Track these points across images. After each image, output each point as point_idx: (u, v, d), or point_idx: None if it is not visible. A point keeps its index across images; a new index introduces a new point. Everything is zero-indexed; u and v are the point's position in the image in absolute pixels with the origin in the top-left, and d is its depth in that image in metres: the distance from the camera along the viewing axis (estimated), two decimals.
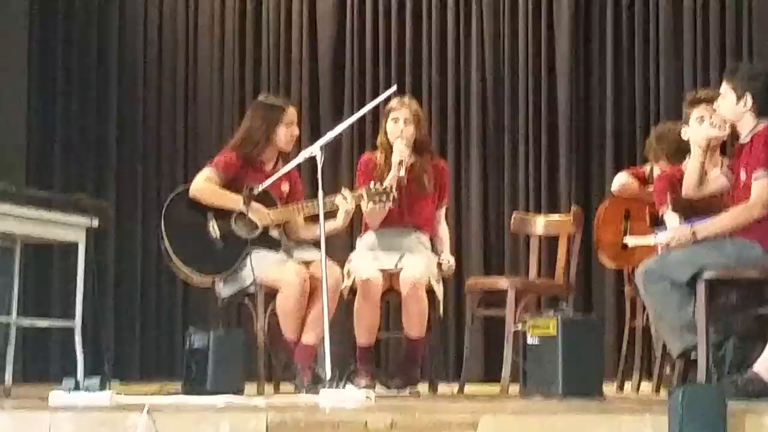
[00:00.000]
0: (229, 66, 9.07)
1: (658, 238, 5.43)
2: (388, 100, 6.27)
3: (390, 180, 6.13)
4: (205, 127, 9.03)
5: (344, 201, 6.03)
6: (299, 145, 7.49)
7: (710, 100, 5.77)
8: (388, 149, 6.25)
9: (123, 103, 9.12)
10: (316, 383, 5.66)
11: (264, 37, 9.05)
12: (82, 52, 9.13)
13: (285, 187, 6.25)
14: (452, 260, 6.32)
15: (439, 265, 6.25)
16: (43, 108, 9.05)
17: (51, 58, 9.09)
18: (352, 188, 6.18)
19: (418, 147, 6.30)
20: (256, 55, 9.04)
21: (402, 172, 6.15)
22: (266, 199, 6.10)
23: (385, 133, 6.30)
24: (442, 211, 6.48)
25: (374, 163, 6.31)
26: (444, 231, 6.47)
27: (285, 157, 6.30)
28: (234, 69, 9.05)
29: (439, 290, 6.17)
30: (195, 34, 9.16)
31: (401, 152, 6.17)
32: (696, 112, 5.90)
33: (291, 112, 6.28)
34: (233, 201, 6.05)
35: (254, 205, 6.01)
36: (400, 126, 6.24)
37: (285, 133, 6.22)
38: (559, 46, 8.53)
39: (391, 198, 6.04)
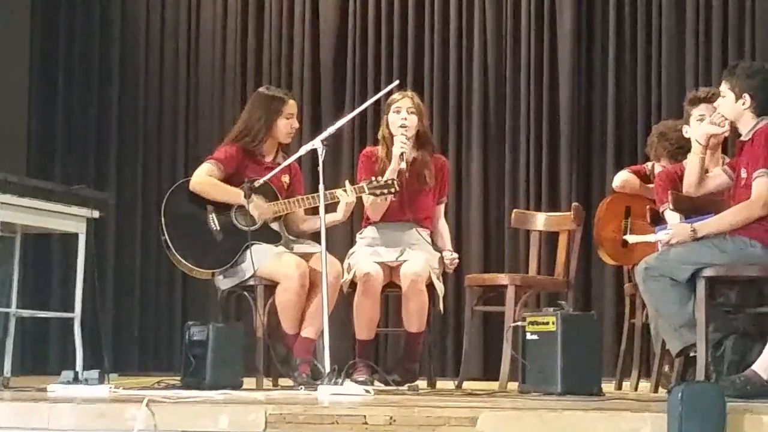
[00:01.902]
0: (230, 58, 9.07)
1: (659, 236, 5.44)
2: (389, 94, 6.27)
3: (391, 172, 6.12)
4: (206, 120, 9.02)
5: (345, 194, 6.03)
6: (300, 138, 7.49)
7: (710, 99, 5.80)
8: (390, 143, 6.24)
9: (124, 94, 9.12)
10: (315, 378, 5.66)
11: (266, 30, 9.04)
12: (84, 42, 9.13)
13: (285, 179, 6.25)
14: (455, 255, 6.33)
15: (441, 259, 6.25)
16: (45, 99, 9.05)
17: (53, 48, 9.10)
18: (353, 182, 6.18)
19: (419, 141, 6.29)
20: (258, 47, 9.03)
21: (403, 165, 6.15)
22: (267, 191, 6.10)
23: (387, 126, 6.29)
24: (442, 207, 6.48)
25: (376, 157, 6.31)
26: (443, 227, 6.46)
27: (284, 149, 6.31)
28: (236, 61, 9.04)
29: (439, 285, 6.16)
30: (197, 25, 9.15)
31: (402, 144, 6.16)
32: (696, 111, 5.93)
33: (291, 104, 6.27)
34: (234, 195, 6.05)
35: (255, 199, 6.01)
36: (402, 115, 6.23)
37: (285, 125, 6.22)
38: (561, 43, 8.51)
39: (393, 191, 6.04)
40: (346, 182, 6.11)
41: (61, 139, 9.04)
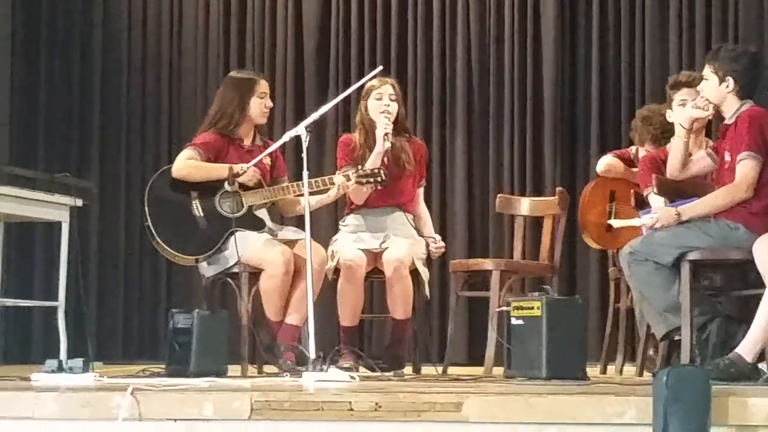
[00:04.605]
0: (213, 46, 9.04)
1: (643, 220, 5.44)
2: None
3: (376, 155, 6.11)
4: (189, 108, 8.98)
5: (333, 186, 6.02)
6: (284, 125, 7.47)
7: (692, 83, 5.81)
8: (370, 127, 6.23)
9: (106, 82, 9.08)
10: (300, 364, 5.66)
11: (249, 17, 9.00)
12: (66, 30, 9.08)
13: (267, 160, 6.23)
14: (442, 243, 6.32)
15: (426, 244, 6.25)
16: (27, 87, 9.01)
17: (34, 36, 9.05)
18: (335, 170, 6.18)
19: (396, 127, 6.28)
20: (241, 34, 9.00)
21: (388, 144, 6.13)
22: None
23: (366, 112, 6.27)
24: (421, 191, 6.47)
25: (354, 143, 6.29)
26: (424, 210, 6.46)
27: (261, 130, 6.30)
28: (219, 47, 9.02)
29: (424, 271, 6.16)
30: (179, 14, 9.11)
31: (386, 125, 6.14)
32: (678, 96, 5.94)
33: (263, 84, 6.25)
34: (218, 170, 6.02)
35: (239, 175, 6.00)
36: (385, 102, 6.22)
37: (258, 105, 6.19)
38: (545, 28, 8.51)
39: (380, 180, 6.02)
40: (335, 176, 6.07)
41: (44, 127, 9.00)
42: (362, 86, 6.29)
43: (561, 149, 8.46)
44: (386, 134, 6.12)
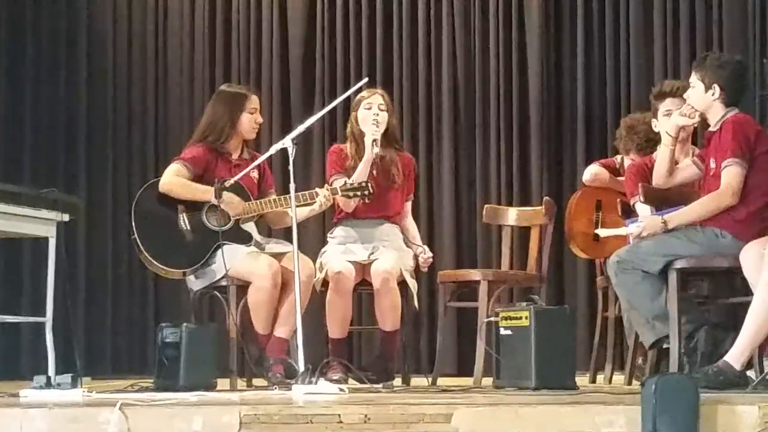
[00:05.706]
0: (199, 58, 9.03)
1: (630, 229, 5.45)
2: (358, 91, 6.26)
3: (365, 163, 6.11)
4: (175, 121, 8.98)
5: (321, 199, 6.01)
6: (270, 137, 7.46)
7: (675, 93, 5.83)
8: (360, 138, 6.23)
9: (92, 96, 9.06)
10: (289, 377, 5.65)
11: (234, 30, 9.01)
12: (51, 44, 9.07)
13: (255, 174, 6.22)
14: (430, 254, 6.32)
15: (415, 256, 6.25)
16: (12, 102, 8.99)
17: (19, 52, 9.03)
18: (324, 179, 6.18)
19: (387, 139, 6.28)
20: (227, 47, 9.01)
21: (377, 150, 6.13)
22: (239, 190, 6.08)
23: (356, 122, 6.28)
24: (409, 205, 6.47)
25: (345, 153, 6.30)
26: (411, 224, 6.46)
27: (249, 144, 6.31)
28: (204, 61, 9.01)
29: (412, 282, 6.15)
30: (164, 28, 9.11)
31: (374, 132, 6.15)
32: (663, 107, 5.96)
33: (254, 99, 6.25)
34: (204, 192, 6.02)
35: (226, 196, 5.99)
36: (374, 111, 6.22)
37: (249, 121, 6.19)
38: (530, 38, 8.53)
39: (367, 193, 6.02)
40: (323, 188, 6.08)
41: (30, 142, 8.98)
42: (350, 98, 6.30)
43: (547, 159, 8.48)
44: (374, 140, 6.13)
